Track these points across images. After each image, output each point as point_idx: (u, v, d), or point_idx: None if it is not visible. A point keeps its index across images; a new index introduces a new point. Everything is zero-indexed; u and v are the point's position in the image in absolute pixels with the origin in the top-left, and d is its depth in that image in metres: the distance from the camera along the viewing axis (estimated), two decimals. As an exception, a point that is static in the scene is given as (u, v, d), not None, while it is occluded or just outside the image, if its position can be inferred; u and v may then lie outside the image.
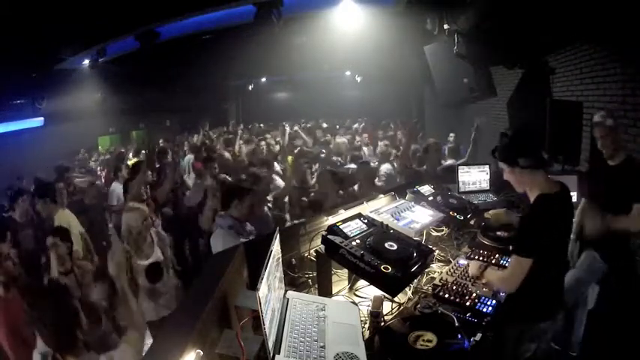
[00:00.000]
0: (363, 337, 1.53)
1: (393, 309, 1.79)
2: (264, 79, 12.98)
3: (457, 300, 1.79)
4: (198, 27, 5.35)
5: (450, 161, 4.86)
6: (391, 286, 1.63)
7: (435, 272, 2.13)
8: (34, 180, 5.56)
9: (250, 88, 13.28)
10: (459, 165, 3.50)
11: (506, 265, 2.03)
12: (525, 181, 1.82)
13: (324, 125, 10.32)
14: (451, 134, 7.59)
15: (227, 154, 6.21)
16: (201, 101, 12.61)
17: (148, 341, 2.80)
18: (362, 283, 1.99)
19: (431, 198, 2.79)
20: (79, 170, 6.93)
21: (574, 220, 2.20)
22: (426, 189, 2.92)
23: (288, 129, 7.24)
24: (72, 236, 3.04)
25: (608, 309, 2.64)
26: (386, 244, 1.84)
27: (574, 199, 2.61)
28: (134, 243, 2.82)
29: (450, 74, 3.84)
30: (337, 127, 10.49)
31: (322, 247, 1.86)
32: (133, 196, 3.56)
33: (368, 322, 1.66)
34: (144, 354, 2.36)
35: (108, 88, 7.61)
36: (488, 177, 3.38)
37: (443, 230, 2.60)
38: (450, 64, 3.80)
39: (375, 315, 1.64)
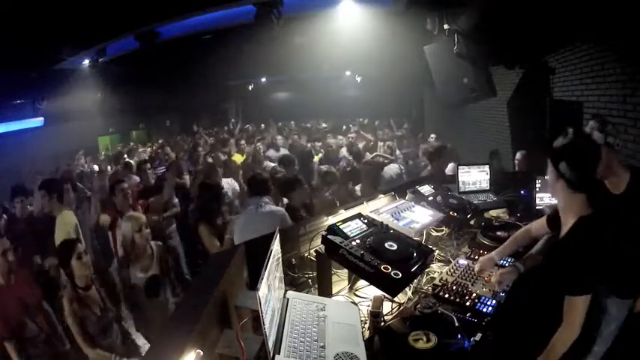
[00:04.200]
0: (363, 337, 1.53)
1: (393, 309, 1.78)
2: (264, 79, 13.00)
3: (457, 300, 1.79)
4: (199, 27, 5.35)
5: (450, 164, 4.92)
6: (391, 286, 1.63)
7: (435, 272, 2.13)
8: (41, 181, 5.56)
9: (250, 88, 13.30)
10: (459, 165, 3.51)
11: (506, 265, 2.03)
12: (559, 195, 1.55)
13: (323, 125, 10.35)
14: (432, 135, 7.63)
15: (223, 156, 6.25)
16: (201, 101, 12.64)
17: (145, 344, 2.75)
18: (362, 283, 1.98)
19: (431, 198, 2.79)
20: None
21: None
22: (426, 189, 2.92)
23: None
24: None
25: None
26: (386, 244, 1.84)
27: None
28: (131, 253, 2.69)
29: (450, 74, 3.83)
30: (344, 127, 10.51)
31: (322, 247, 1.86)
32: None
33: (368, 322, 1.66)
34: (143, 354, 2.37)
35: (108, 88, 7.63)
36: (488, 177, 3.38)
37: (443, 230, 2.60)
38: (450, 64, 3.80)
39: (375, 315, 1.64)
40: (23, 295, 2.59)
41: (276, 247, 1.59)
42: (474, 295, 1.81)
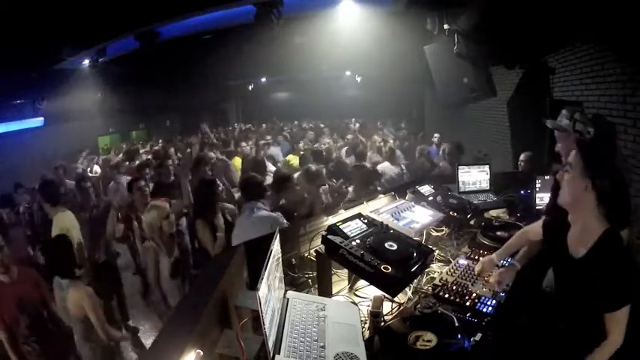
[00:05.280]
0: (363, 337, 1.53)
1: (393, 309, 1.79)
2: (264, 79, 13.01)
3: (457, 300, 1.79)
4: (199, 27, 5.36)
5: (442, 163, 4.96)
6: (391, 286, 1.63)
7: (435, 272, 2.13)
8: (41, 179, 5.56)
9: (250, 88, 13.31)
10: (459, 165, 3.50)
11: (505, 264, 2.03)
12: (583, 205, 1.44)
13: (322, 126, 10.37)
14: (435, 135, 7.62)
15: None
16: (201, 101, 12.65)
17: (148, 341, 2.80)
18: (362, 283, 1.99)
19: (431, 198, 2.79)
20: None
21: None
22: (426, 189, 2.92)
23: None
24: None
25: None
26: (386, 244, 1.84)
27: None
28: (158, 239, 2.81)
29: (450, 74, 3.83)
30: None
31: (322, 247, 1.86)
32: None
33: (368, 322, 1.66)
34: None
35: (108, 88, 7.63)
36: (488, 177, 3.38)
37: (443, 230, 2.60)
38: (450, 64, 3.80)
39: (375, 315, 1.64)
40: (22, 295, 2.59)
41: (276, 247, 1.59)
42: (474, 295, 1.81)
